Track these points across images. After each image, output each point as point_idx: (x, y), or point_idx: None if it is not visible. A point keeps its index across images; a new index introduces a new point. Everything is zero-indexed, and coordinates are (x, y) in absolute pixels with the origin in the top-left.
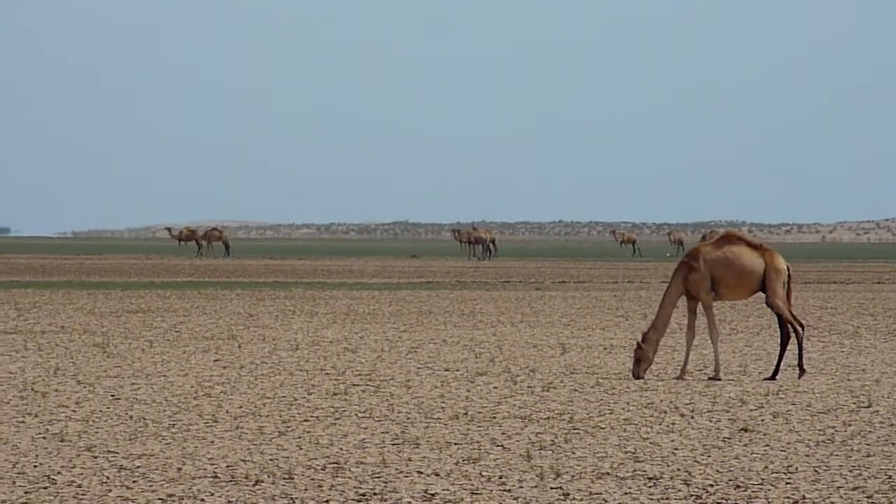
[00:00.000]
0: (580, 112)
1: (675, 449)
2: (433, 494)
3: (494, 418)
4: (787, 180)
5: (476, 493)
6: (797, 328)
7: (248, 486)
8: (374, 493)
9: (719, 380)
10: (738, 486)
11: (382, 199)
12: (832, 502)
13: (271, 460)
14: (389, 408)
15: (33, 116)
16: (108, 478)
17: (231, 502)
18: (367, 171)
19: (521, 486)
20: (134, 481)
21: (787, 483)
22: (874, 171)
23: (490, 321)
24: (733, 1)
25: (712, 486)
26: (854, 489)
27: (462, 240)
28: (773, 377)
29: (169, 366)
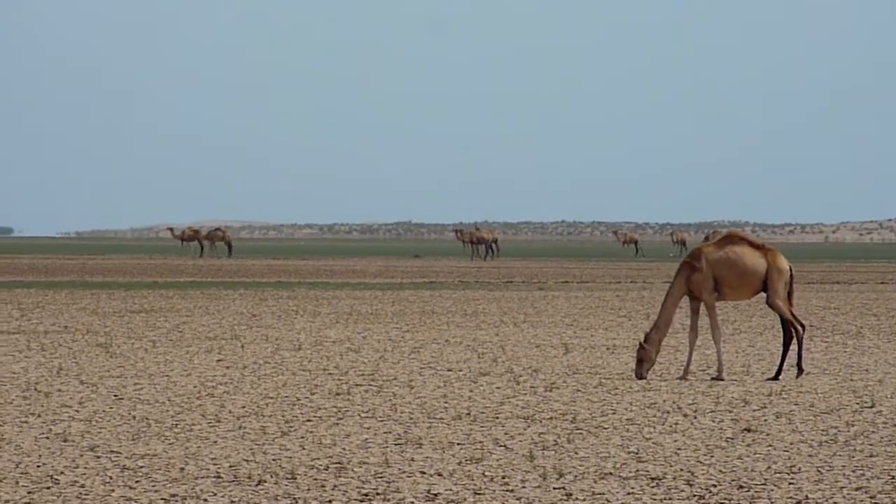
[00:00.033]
0: (582, 112)
1: (678, 449)
2: (436, 494)
3: (497, 418)
4: (790, 180)
5: (479, 494)
6: (797, 328)
7: (251, 486)
8: (377, 494)
9: (722, 380)
10: (741, 487)
11: (385, 199)
12: (835, 502)
13: (274, 460)
14: (392, 408)
15: (35, 116)
16: (111, 478)
17: (234, 502)
18: (370, 172)
19: (524, 487)
20: (137, 481)
21: (790, 483)
22: (877, 172)
23: (493, 321)
24: (733, 1)
25: (715, 486)
26: (857, 489)
27: (465, 240)
28: (776, 377)
29: (172, 366)
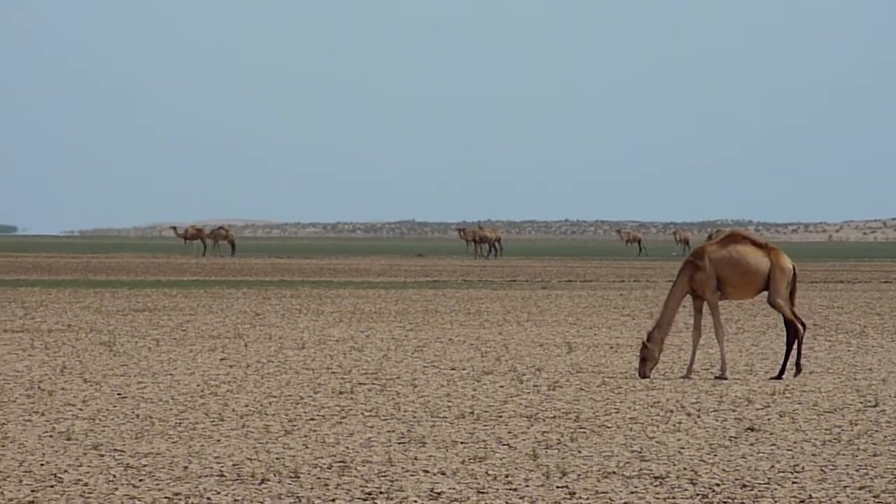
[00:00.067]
0: (585, 111)
1: (682, 448)
2: (439, 493)
3: (500, 417)
4: (793, 179)
5: (482, 492)
6: (798, 327)
7: (255, 484)
8: (381, 492)
9: (725, 379)
10: (745, 486)
11: (389, 198)
12: (839, 501)
13: (277, 459)
14: (395, 406)
15: (38, 116)
16: (114, 476)
17: (237, 501)
18: (374, 171)
19: (528, 485)
20: (140, 480)
21: (793, 482)
22: (881, 171)
23: (496, 320)
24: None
25: (718, 485)
26: (860, 488)
27: (468, 239)
28: (780, 376)
29: (175, 364)
